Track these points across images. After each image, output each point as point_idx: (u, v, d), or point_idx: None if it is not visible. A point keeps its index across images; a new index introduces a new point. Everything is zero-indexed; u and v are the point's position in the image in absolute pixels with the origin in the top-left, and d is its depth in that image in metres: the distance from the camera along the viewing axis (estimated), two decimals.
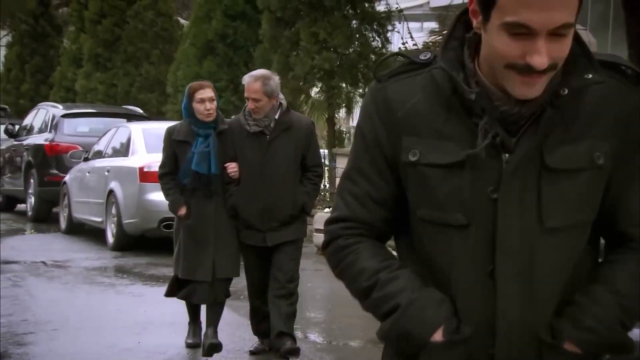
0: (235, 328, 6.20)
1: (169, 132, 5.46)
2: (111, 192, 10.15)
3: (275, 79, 5.22)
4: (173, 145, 5.39)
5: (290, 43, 13.06)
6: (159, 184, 5.68)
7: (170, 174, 5.42)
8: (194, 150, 5.25)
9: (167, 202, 5.48)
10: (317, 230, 9.69)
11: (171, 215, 5.61)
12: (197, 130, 5.30)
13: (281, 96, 5.28)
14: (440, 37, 12.56)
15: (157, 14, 19.09)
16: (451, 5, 17.67)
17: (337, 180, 4.87)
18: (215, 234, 5.32)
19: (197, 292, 5.39)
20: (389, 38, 14.03)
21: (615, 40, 18.78)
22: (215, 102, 5.31)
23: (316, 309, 7.45)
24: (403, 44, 13.35)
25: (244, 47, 15.42)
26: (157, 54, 18.89)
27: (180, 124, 5.50)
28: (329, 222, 1.70)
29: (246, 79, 5.25)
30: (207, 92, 5.29)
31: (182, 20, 21.17)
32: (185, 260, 5.39)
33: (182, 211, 5.35)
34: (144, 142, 10.22)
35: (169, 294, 5.62)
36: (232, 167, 5.27)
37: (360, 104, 11.71)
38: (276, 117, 5.22)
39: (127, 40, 19.33)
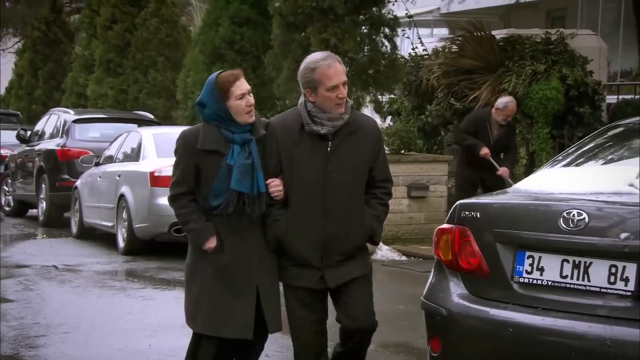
0: None
1: (187, 139, 4.03)
2: (122, 196, 10.19)
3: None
4: (195, 156, 3.99)
5: (302, 48, 13.09)
6: (169, 188, 4.69)
7: (188, 194, 4.00)
8: (230, 163, 3.91)
9: (186, 232, 4.07)
10: None
11: None
12: (233, 136, 3.94)
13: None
14: (451, 43, 12.56)
15: (162, 21, 19.17)
16: (461, 12, 17.71)
17: None
18: (260, 274, 4.02)
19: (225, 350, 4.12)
20: (397, 44, 14.05)
21: (625, 45, 18.74)
22: (252, 97, 4.04)
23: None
24: (413, 49, 13.36)
25: (251, 53, 15.47)
26: (162, 61, 18.96)
27: (202, 129, 4.04)
28: None
29: (324, 61, 3.92)
30: (244, 83, 4.01)
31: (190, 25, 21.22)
32: (210, 310, 4.02)
33: (212, 243, 3.98)
34: (155, 146, 10.26)
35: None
36: (275, 185, 3.97)
37: (369, 108, 11.72)
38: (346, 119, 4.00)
39: (135, 47, 19.42)
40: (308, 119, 3.94)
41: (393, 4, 13.23)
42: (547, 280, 3.62)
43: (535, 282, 3.65)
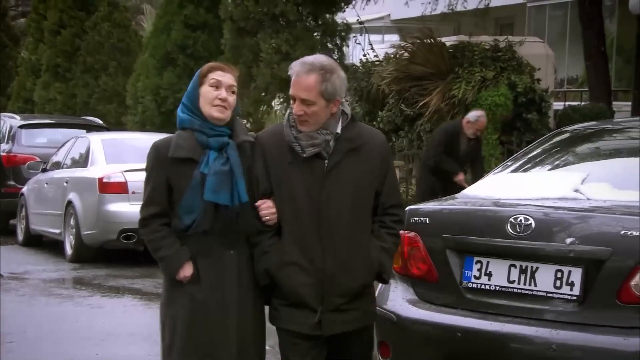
0: None
1: (158, 150, 3.38)
2: (70, 203, 10.03)
3: (341, 74, 3.32)
4: (166, 168, 3.33)
5: (252, 53, 13.07)
6: (118, 194, 3.83)
7: (160, 215, 3.35)
8: (203, 171, 3.27)
9: (158, 261, 3.39)
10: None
11: (132, 225, 4.03)
12: (208, 140, 3.31)
13: (344, 100, 3.41)
14: (401, 49, 12.65)
15: (113, 25, 18.98)
16: (411, 18, 17.87)
17: None
18: (239, 309, 3.33)
19: None
20: (346, 50, 14.12)
21: (572, 53, 19.09)
22: (235, 97, 3.37)
23: None
24: (364, 55, 13.42)
25: (204, 57, 15.38)
26: (115, 66, 18.77)
27: (176, 136, 3.38)
28: None
29: (295, 67, 3.30)
30: (227, 77, 3.35)
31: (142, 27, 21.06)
32: (186, 354, 3.34)
33: (188, 271, 3.31)
34: (104, 152, 10.13)
35: None
36: (267, 207, 3.31)
37: None
38: (338, 130, 3.33)
39: (85, 51, 19.19)
40: (291, 136, 3.29)
41: (344, 11, 13.29)
42: (494, 286, 3.66)
43: (483, 287, 3.68)
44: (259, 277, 3.34)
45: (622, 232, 3.38)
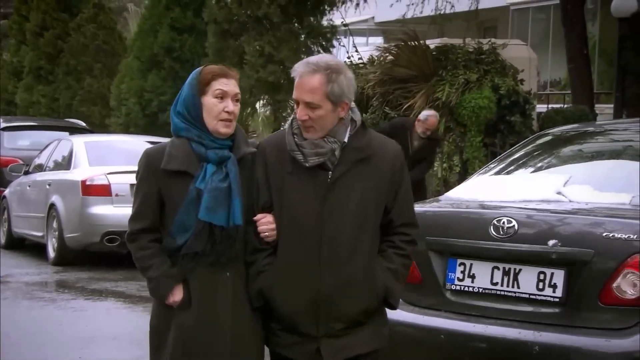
0: None
1: (149, 159, 3.07)
2: (52, 205, 9.97)
3: (348, 75, 3.01)
4: (158, 180, 3.03)
5: (237, 56, 13.05)
6: (102, 197, 3.38)
7: (150, 230, 3.06)
8: (199, 187, 2.98)
9: (147, 281, 3.07)
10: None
11: (116, 228, 3.67)
12: (206, 153, 3.01)
13: (353, 105, 3.08)
14: (386, 52, 12.67)
15: (99, 27, 18.91)
16: (395, 20, 17.91)
17: None
18: (233, 336, 3.02)
19: None
20: (333, 53, 14.11)
21: (555, 56, 19.21)
22: (239, 106, 3.10)
23: None
24: (349, 58, 13.44)
25: (190, 61, 15.35)
26: (100, 68, 18.70)
27: (169, 144, 3.08)
28: None
29: (298, 68, 3.01)
30: (232, 84, 3.04)
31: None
32: None
33: (177, 295, 3.02)
34: (87, 155, 10.08)
35: None
36: (267, 222, 3.01)
37: None
38: (345, 139, 3.02)
39: (69, 53, 19.10)
40: (293, 144, 3.00)
41: (327, 13, 13.29)
42: (478, 287, 3.67)
43: (466, 289, 3.69)
44: (253, 299, 3.03)
45: (604, 234, 3.40)
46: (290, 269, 2.98)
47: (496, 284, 3.62)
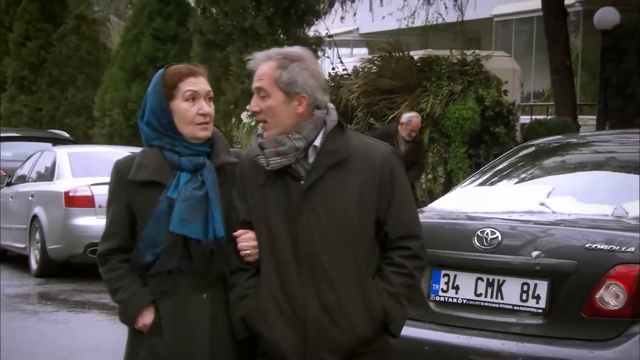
0: None
1: (119, 170, 2.77)
2: (35, 217, 9.91)
3: (309, 66, 2.66)
4: (128, 193, 2.72)
5: (222, 67, 13.06)
6: (85, 208, 3.10)
7: (121, 250, 2.75)
8: (170, 196, 2.66)
9: (117, 303, 2.78)
10: None
11: (99, 240, 2.77)
12: (179, 160, 2.69)
13: (330, 106, 2.72)
14: (370, 63, 12.71)
15: (82, 39, 18.88)
16: (380, 32, 17.99)
17: None
18: None
19: None
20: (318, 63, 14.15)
21: (538, 67, 19.33)
22: (213, 106, 2.77)
23: None
24: (333, 69, 13.47)
25: None
26: (83, 79, 18.65)
27: (140, 155, 2.76)
28: None
29: (256, 56, 2.71)
30: (201, 82, 2.73)
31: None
32: None
33: (147, 318, 2.70)
34: (70, 166, 10.04)
35: None
36: (248, 238, 2.67)
37: None
38: (317, 142, 2.66)
39: (52, 64, 19.05)
40: (256, 149, 2.65)
41: (313, 24, 13.32)
42: (462, 299, 3.67)
43: (450, 300, 3.69)
44: (235, 328, 2.66)
45: (587, 245, 3.41)
46: (273, 293, 2.61)
47: (480, 295, 3.62)
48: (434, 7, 16.40)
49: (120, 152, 10.90)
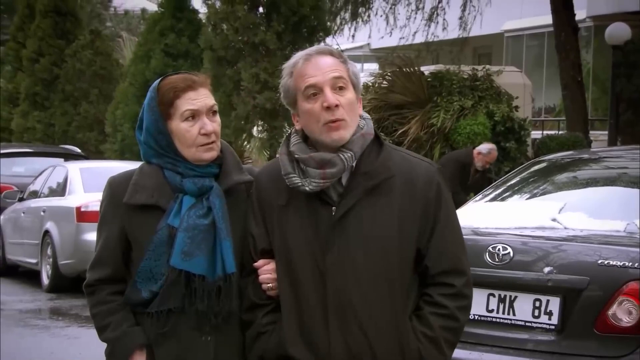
0: None
1: (112, 189, 2.43)
2: (47, 232, 9.94)
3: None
4: (122, 216, 2.38)
5: (233, 82, 13.11)
6: (97, 223, 2.77)
7: (111, 281, 2.42)
8: (172, 224, 2.32)
9: (104, 342, 2.46)
10: None
11: None
12: (182, 182, 2.36)
13: (365, 116, 2.38)
14: (381, 78, 12.73)
15: (95, 53, 19.00)
16: (390, 47, 18.02)
17: None
18: None
19: None
20: None
21: (549, 82, 19.31)
22: (218, 120, 2.40)
23: None
24: None
25: None
26: (96, 93, 18.76)
27: (137, 173, 2.42)
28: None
29: (296, 56, 2.34)
30: (202, 95, 2.36)
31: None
32: None
33: None
34: (82, 181, 10.07)
35: None
36: (269, 270, 2.34)
37: None
38: (353, 163, 2.28)
39: (65, 79, 19.17)
40: (287, 166, 2.29)
41: (323, 40, 13.36)
42: (474, 315, 3.64)
43: None
44: None
45: (599, 261, 3.39)
46: (293, 334, 2.27)
47: (492, 311, 3.61)
48: (440, 23, 16.45)
49: (132, 167, 10.92)
